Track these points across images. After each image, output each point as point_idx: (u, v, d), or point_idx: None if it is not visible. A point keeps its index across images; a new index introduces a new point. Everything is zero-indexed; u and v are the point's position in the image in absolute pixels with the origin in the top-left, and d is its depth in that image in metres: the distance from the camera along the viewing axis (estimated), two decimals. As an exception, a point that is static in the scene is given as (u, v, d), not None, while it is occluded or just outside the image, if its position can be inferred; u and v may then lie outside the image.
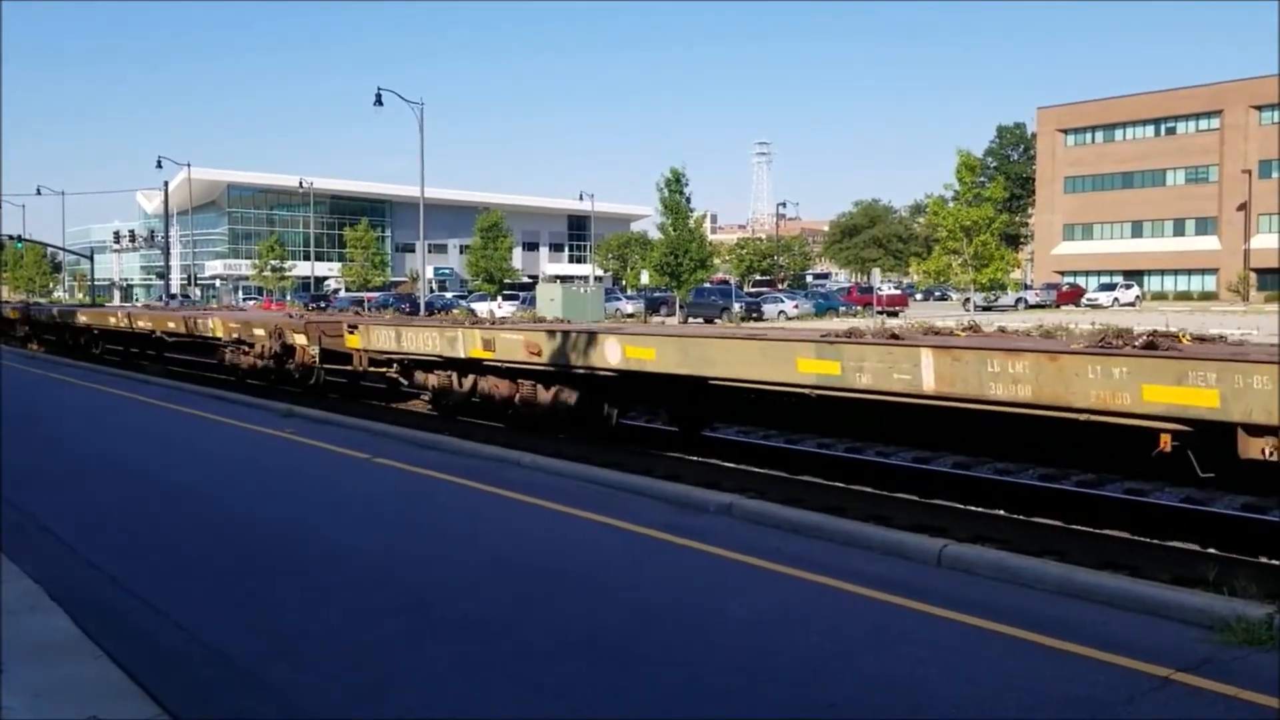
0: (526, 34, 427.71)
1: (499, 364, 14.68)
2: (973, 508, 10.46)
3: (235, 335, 22.21)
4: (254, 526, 8.83)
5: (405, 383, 17.99)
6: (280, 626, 6.17)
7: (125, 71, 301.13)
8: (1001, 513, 10.25)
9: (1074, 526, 9.71)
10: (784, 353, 10.58)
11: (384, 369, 17.93)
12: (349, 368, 18.78)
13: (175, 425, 15.54)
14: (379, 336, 17.17)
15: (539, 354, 13.64)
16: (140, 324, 28.50)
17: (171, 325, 26.54)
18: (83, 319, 33.87)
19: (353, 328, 17.95)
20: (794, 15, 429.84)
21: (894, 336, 10.16)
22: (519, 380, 14.76)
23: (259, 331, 20.93)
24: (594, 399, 13.99)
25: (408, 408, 19.19)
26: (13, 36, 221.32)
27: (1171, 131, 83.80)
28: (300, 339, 19.37)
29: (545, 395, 14.38)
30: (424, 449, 12.80)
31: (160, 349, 29.99)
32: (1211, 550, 8.71)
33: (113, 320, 31.00)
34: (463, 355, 15.13)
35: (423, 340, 15.95)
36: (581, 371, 13.25)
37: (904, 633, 5.85)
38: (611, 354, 12.55)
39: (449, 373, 16.28)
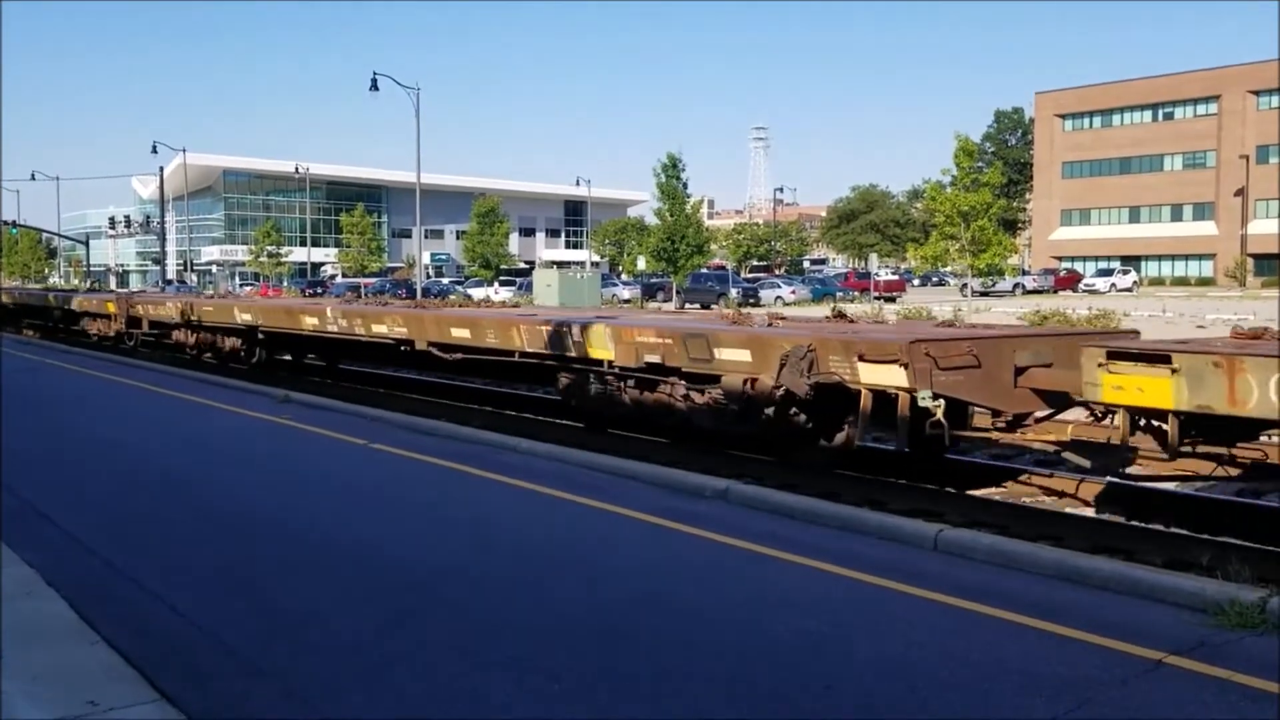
0: (523, 18, 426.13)
1: None
2: (968, 492, 10.48)
3: (624, 360, 11.93)
4: (251, 512, 8.83)
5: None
6: (277, 610, 6.18)
7: (120, 57, 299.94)
8: (996, 497, 10.28)
9: (1068, 511, 9.74)
10: None
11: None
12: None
13: (171, 411, 15.52)
14: None
15: None
16: (380, 328, 16.86)
17: (461, 335, 15.01)
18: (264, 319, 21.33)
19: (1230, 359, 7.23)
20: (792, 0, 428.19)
21: None
22: None
23: (734, 355, 10.64)
24: None
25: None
26: (7, 23, 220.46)
27: (1169, 117, 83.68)
28: (892, 376, 9.19)
29: None
30: (420, 434, 12.79)
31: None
32: (1205, 536, 8.73)
33: (311, 322, 19.16)
34: None
35: None
36: None
37: (900, 616, 5.88)
38: None
39: None
